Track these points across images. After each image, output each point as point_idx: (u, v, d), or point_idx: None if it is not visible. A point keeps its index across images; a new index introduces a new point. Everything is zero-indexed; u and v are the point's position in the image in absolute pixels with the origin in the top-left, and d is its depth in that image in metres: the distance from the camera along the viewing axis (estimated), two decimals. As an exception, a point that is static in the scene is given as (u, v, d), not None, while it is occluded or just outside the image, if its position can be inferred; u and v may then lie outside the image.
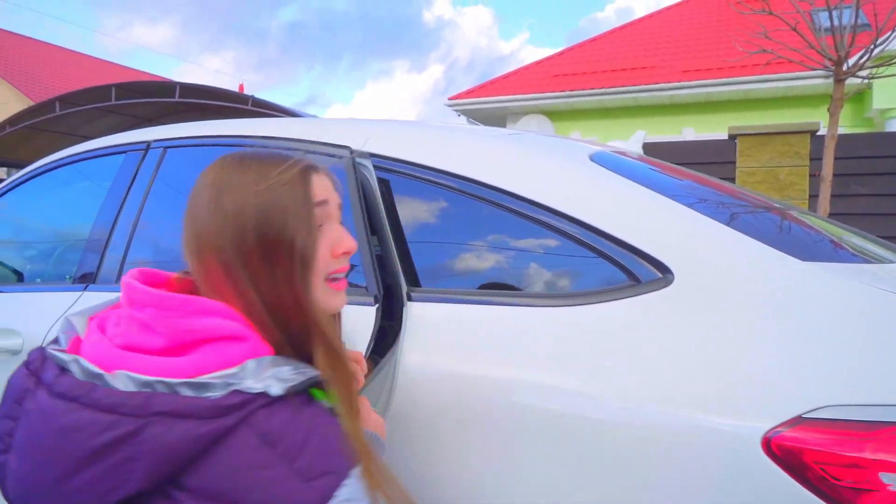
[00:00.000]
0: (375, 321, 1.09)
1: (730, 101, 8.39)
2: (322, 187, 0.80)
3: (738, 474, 0.81)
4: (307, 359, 0.75)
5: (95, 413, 0.63)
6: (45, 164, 1.91)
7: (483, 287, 1.14)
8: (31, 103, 10.69)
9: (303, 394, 0.71)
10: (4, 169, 9.50)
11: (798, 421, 0.79)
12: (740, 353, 0.88)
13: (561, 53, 10.23)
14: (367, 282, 1.14)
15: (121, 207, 1.56)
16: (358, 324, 1.11)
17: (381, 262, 1.18)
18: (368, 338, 1.07)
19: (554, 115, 9.34)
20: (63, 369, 0.68)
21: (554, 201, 1.11)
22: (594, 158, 1.25)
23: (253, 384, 0.67)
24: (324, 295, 0.79)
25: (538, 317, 1.04)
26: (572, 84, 9.06)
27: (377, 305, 1.11)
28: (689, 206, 1.10)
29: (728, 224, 1.07)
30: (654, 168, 1.40)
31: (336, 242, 0.81)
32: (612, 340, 0.97)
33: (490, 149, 1.25)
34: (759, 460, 0.80)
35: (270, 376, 0.68)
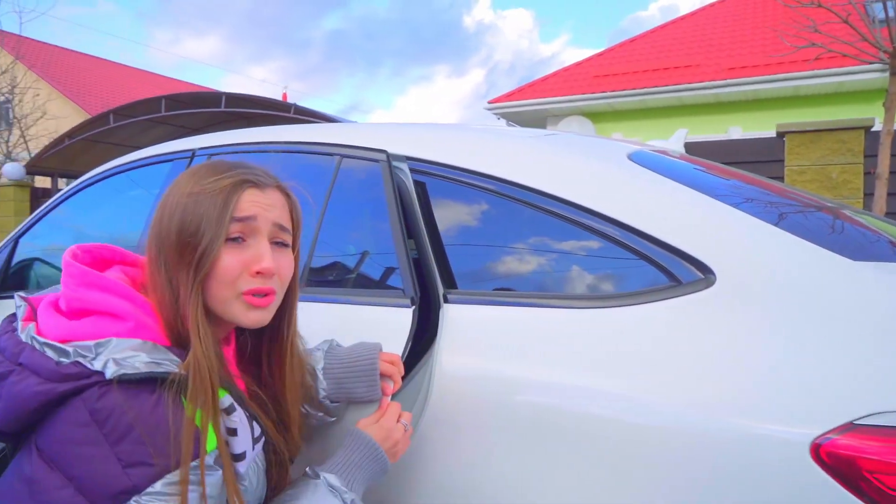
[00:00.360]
0: (412, 324, 1.09)
1: (778, 99, 8.12)
2: (252, 203, 0.81)
3: (785, 482, 0.78)
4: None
5: None
6: (98, 174, 1.99)
7: (521, 289, 1.13)
8: (88, 117, 11.15)
9: (148, 384, 0.70)
10: (64, 180, 9.94)
11: (849, 427, 0.76)
12: (787, 357, 0.85)
13: (602, 54, 10.09)
14: (404, 284, 1.15)
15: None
16: (394, 326, 1.11)
17: (418, 265, 1.18)
18: (405, 340, 1.08)
19: (595, 116, 9.22)
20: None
21: (591, 202, 1.09)
22: (633, 158, 1.23)
23: (96, 362, 0.70)
24: (237, 308, 0.80)
25: (577, 319, 1.03)
26: (614, 84, 8.92)
27: (413, 308, 1.11)
28: (733, 205, 1.07)
29: (775, 224, 1.04)
30: (696, 167, 1.37)
31: (252, 260, 0.80)
32: (654, 343, 0.94)
33: (526, 150, 1.24)
34: (807, 468, 0.76)
35: (120, 358, 0.70)
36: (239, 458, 0.77)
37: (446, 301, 1.14)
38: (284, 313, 0.90)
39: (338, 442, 0.96)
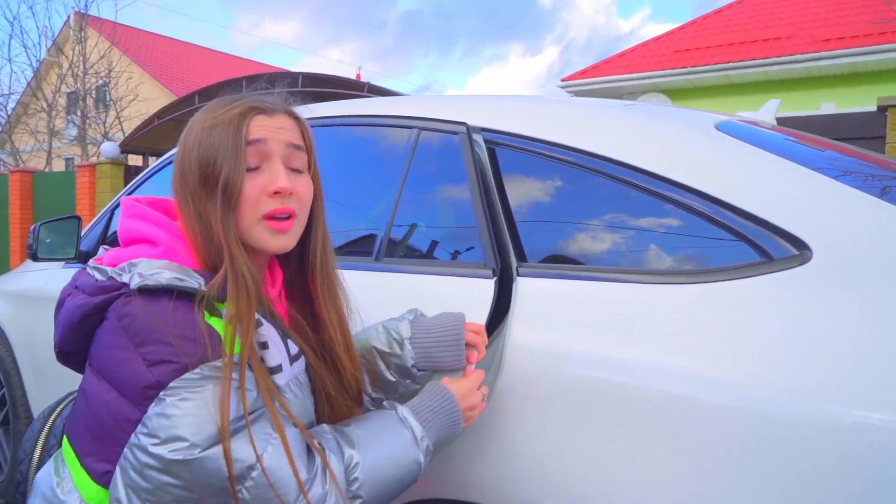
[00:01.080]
0: (494, 295, 1.09)
1: (877, 73, 7.52)
2: (262, 127, 0.83)
3: (888, 476, 0.73)
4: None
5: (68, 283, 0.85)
6: (171, 156, 2.09)
7: (596, 263, 1.11)
8: (175, 98, 11.72)
9: (168, 293, 0.75)
10: (154, 157, 10.52)
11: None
12: (888, 342, 0.79)
13: (683, 27, 9.64)
14: (485, 256, 1.15)
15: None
16: (475, 297, 1.12)
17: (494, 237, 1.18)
18: (485, 311, 1.08)
19: (674, 93, 8.84)
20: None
21: (675, 173, 1.05)
22: (721, 127, 1.17)
23: (124, 276, 0.76)
24: (260, 233, 0.83)
25: (658, 294, 0.99)
26: (695, 59, 8.52)
27: (495, 279, 1.11)
28: (832, 177, 1.00)
29: (879, 197, 0.96)
30: (790, 138, 1.29)
31: (269, 182, 0.83)
32: (742, 321, 0.90)
33: (605, 120, 1.21)
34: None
35: (147, 273, 0.75)
36: (275, 370, 0.81)
37: (518, 274, 1.14)
38: (309, 240, 0.93)
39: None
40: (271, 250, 0.85)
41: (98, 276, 0.79)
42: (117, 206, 2.35)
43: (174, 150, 2.09)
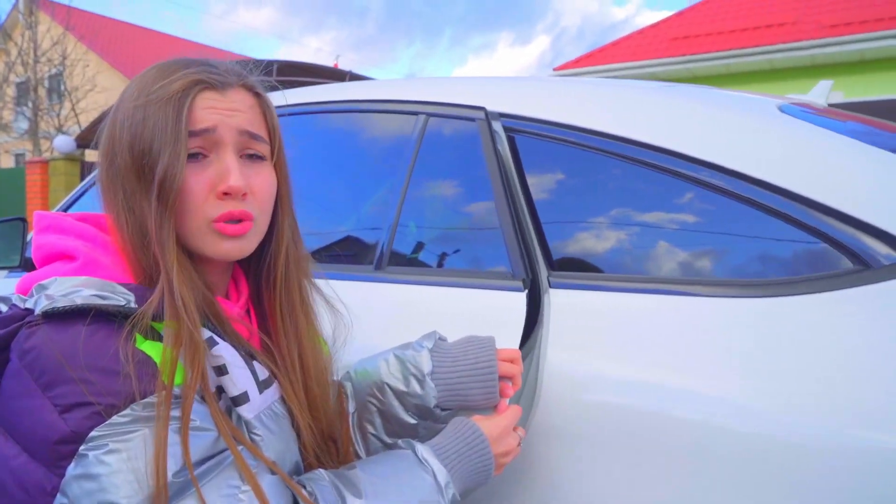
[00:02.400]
0: (533, 310, 0.96)
1: (886, 59, 7.53)
2: (210, 110, 0.69)
3: None
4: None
5: None
6: None
7: (644, 272, 0.98)
8: (136, 88, 11.40)
9: (82, 316, 0.61)
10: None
11: None
12: None
13: (681, 13, 9.61)
14: (512, 263, 1.02)
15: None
16: (502, 314, 0.99)
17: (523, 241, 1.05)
18: (514, 330, 0.95)
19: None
20: None
21: (741, 164, 0.93)
22: (785, 111, 1.05)
23: (29, 301, 0.63)
24: (207, 238, 0.70)
25: (722, 310, 0.88)
26: (694, 47, 8.48)
27: (526, 291, 0.98)
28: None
29: None
30: (864, 124, 1.17)
31: (217, 179, 0.69)
32: (832, 343, 0.79)
33: (649, 103, 1.08)
34: None
35: (59, 294, 0.62)
36: (239, 400, 0.67)
37: (550, 285, 1.01)
38: (271, 243, 0.78)
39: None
40: (223, 257, 0.72)
41: (1, 306, 0.67)
42: (68, 207, 2.18)
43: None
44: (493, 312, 1.00)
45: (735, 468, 0.78)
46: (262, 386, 0.70)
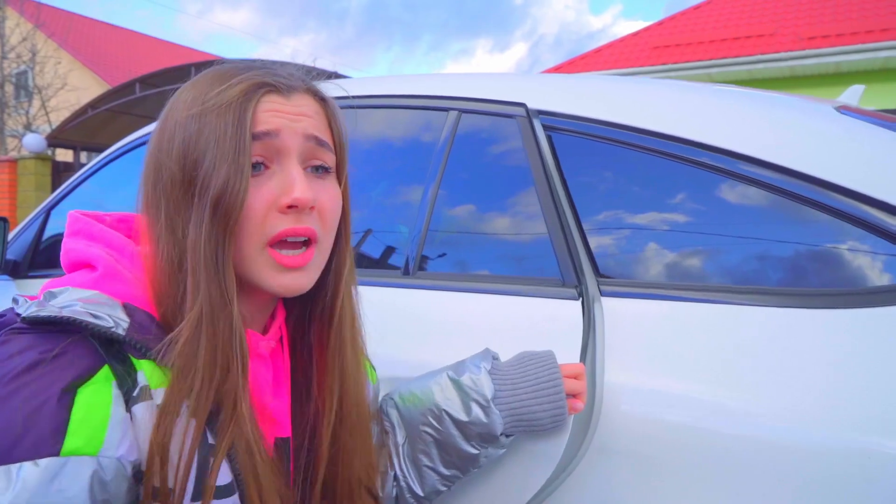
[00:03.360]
0: (584, 322, 0.89)
1: (864, 72, 7.67)
2: (273, 113, 0.60)
3: None
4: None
5: None
6: (124, 146, 1.83)
7: (707, 279, 0.92)
8: (110, 88, 11.17)
9: (63, 330, 0.52)
10: (86, 153, 9.96)
11: None
12: None
13: (662, 23, 9.69)
14: (562, 270, 0.95)
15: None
16: (551, 324, 0.91)
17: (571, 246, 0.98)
18: (568, 342, 0.87)
19: (654, 91, 8.83)
20: None
21: (807, 165, 0.88)
22: (844, 112, 1.00)
23: (22, 306, 0.54)
24: (263, 267, 0.59)
25: (800, 321, 0.81)
26: (676, 56, 8.55)
27: (581, 300, 0.91)
28: None
29: None
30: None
31: (281, 190, 0.59)
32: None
33: (706, 103, 1.02)
34: None
35: (59, 305, 0.53)
36: (159, 494, 0.53)
37: (601, 294, 0.95)
38: (330, 272, 0.67)
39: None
40: (278, 292, 0.61)
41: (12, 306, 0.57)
42: (53, 205, 2.05)
43: (120, 144, 1.86)
44: (541, 323, 0.93)
45: (813, 495, 0.72)
46: (198, 493, 0.54)
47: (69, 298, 0.54)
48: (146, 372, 0.53)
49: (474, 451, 0.78)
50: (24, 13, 13.60)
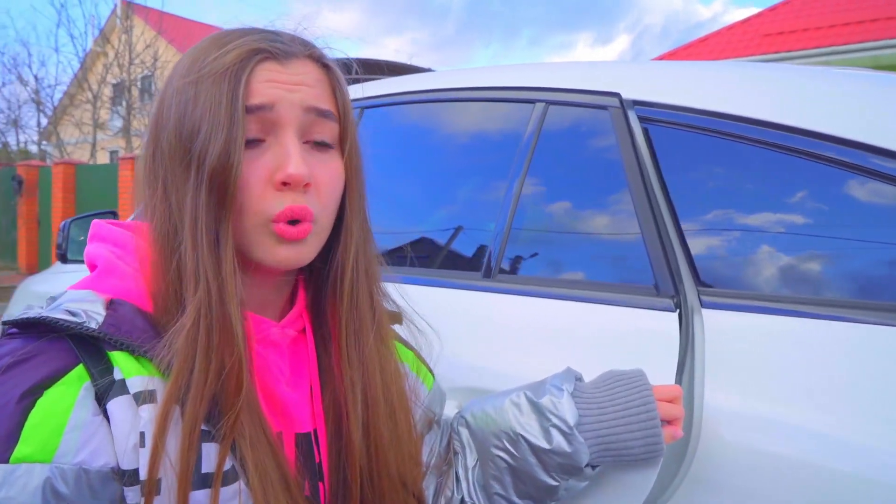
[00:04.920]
0: (682, 336, 0.79)
1: None
2: (269, 83, 0.56)
3: None
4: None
5: None
6: None
7: (828, 292, 0.80)
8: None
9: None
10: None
11: None
12: None
13: (774, 9, 9.06)
14: (657, 277, 0.85)
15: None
16: (645, 338, 0.82)
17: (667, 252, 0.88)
18: (669, 361, 0.78)
19: (763, 81, 8.27)
20: None
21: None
22: None
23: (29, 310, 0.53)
24: (262, 241, 0.56)
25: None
26: (789, 44, 7.96)
27: (678, 312, 0.81)
28: None
29: None
30: None
31: (275, 166, 0.55)
32: None
33: (832, 89, 0.89)
34: None
35: (51, 307, 0.52)
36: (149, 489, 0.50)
37: (702, 305, 0.84)
38: (337, 249, 0.62)
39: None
40: (277, 265, 0.57)
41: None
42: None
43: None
44: (634, 336, 0.84)
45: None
46: (200, 481, 0.51)
47: (64, 300, 0.53)
48: (121, 365, 0.50)
49: (554, 483, 0.70)
50: (148, 21, 14.62)
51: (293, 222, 0.56)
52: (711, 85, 0.95)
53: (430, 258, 1.19)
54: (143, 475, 0.48)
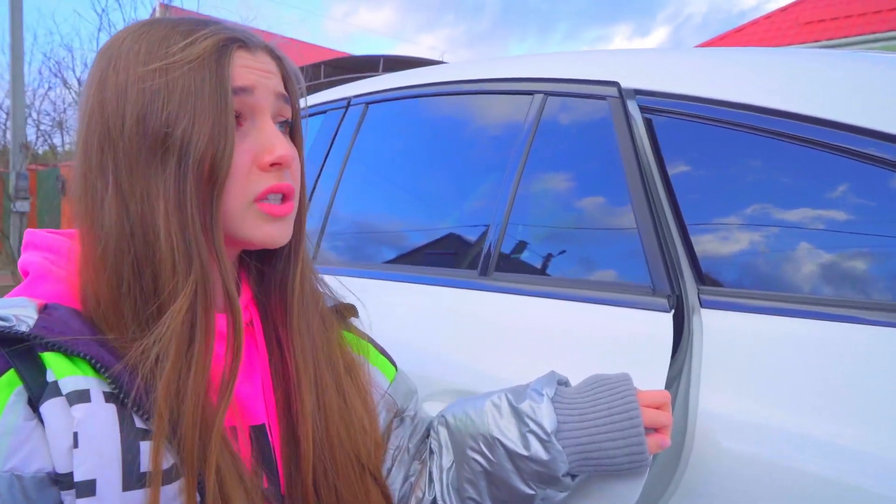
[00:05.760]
0: (683, 339, 0.75)
1: None
2: (248, 69, 0.57)
3: None
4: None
5: None
6: None
7: (840, 293, 0.74)
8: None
9: None
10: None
11: None
12: None
13: (814, -5, 8.76)
14: (653, 275, 0.81)
15: (320, 172, 1.40)
16: (639, 340, 0.78)
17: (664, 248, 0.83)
18: (662, 365, 0.73)
19: (802, 71, 8.01)
20: None
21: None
22: None
23: None
24: (250, 221, 0.57)
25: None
26: (830, 31, 7.69)
27: (672, 312, 0.76)
28: None
29: None
30: None
31: (262, 147, 0.57)
32: None
33: (841, 75, 0.83)
34: None
35: None
36: (82, 491, 0.47)
37: (701, 305, 0.80)
38: (286, 246, 0.62)
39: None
40: (267, 244, 0.59)
41: None
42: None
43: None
44: (627, 338, 0.80)
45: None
46: (137, 481, 0.49)
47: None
48: (53, 366, 0.49)
49: (529, 492, 0.66)
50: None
51: (279, 199, 0.57)
52: (718, 72, 0.90)
53: (424, 255, 1.16)
54: (77, 477, 0.47)
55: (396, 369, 0.74)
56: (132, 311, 0.52)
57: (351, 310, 0.72)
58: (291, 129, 0.62)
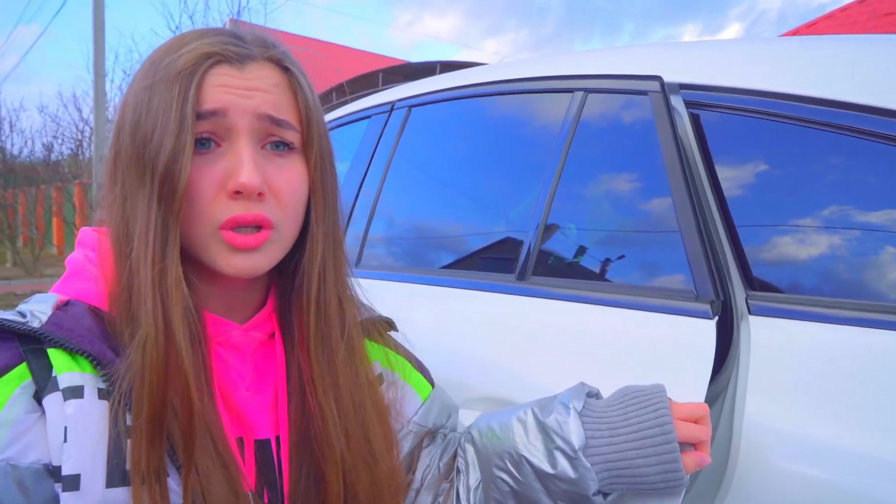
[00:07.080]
0: (721, 346, 0.70)
1: None
2: (221, 89, 0.54)
3: None
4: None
5: None
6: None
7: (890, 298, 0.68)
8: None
9: None
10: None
11: None
12: None
13: (893, -14, 8.26)
14: (696, 279, 0.76)
15: (364, 176, 1.40)
16: (681, 348, 0.73)
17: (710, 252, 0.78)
18: (705, 375, 0.68)
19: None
20: None
21: None
22: None
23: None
24: (213, 249, 0.54)
25: None
26: (912, 23, 7.22)
27: (716, 319, 0.71)
28: None
29: None
30: None
31: (229, 172, 0.53)
32: None
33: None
34: None
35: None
36: (67, 485, 0.48)
37: (750, 311, 0.74)
38: (301, 260, 0.59)
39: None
40: (232, 274, 0.55)
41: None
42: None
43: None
44: (667, 345, 0.75)
45: None
46: (120, 479, 0.49)
47: (26, 302, 0.54)
48: (56, 362, 0.50)
49: None
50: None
51: (245, 230, 0.54)
52: (768, 63, 0.84)
53: (461, 259, 1.14)
54: (63, 471, 0.48)
55: (433, 386, 0.71)
56: (126, 313, 0.52)
57: (387, 324, 0.69)
58: (304, 148, 0.58)
